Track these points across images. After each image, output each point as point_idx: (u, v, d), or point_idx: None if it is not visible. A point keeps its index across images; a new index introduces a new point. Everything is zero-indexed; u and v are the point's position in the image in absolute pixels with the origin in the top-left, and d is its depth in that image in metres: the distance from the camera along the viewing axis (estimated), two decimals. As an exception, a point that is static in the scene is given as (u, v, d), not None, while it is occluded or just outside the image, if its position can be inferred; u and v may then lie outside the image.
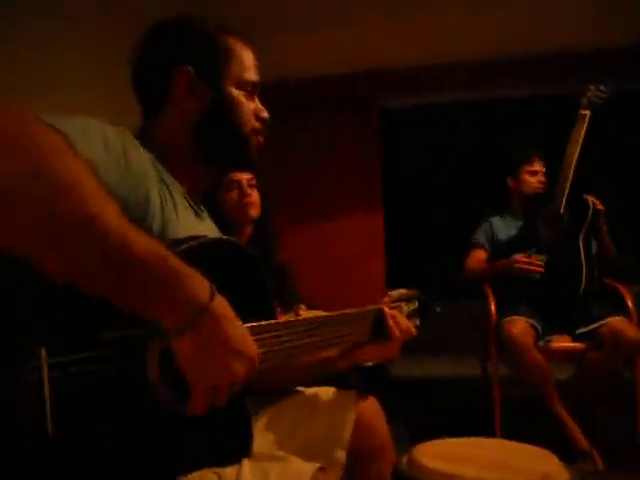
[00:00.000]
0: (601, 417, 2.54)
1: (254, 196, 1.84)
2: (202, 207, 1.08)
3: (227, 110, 0.99)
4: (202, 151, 1.00)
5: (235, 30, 1.03)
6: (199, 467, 0.81)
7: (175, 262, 0.69)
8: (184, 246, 0.81)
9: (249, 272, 0.90)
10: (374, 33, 3.18)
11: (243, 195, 1.81)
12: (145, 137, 0.95)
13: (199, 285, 0.71)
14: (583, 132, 2.39)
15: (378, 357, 1.22)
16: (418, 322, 1.33)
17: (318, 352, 1.05)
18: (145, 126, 1.01)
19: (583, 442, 2.15)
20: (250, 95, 1.02)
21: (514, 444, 1.09)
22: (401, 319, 1.22)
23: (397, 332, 1.19)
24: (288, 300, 1.77)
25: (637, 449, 2.20)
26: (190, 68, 0.96)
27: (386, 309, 1.20)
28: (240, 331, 0.75)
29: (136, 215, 0.81)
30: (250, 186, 1.83)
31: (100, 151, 0.77)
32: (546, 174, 2.77)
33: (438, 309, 1.37)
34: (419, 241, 6.18)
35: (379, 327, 1.19)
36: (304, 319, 0.99)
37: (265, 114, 1.04)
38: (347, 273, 3.67)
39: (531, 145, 2.85)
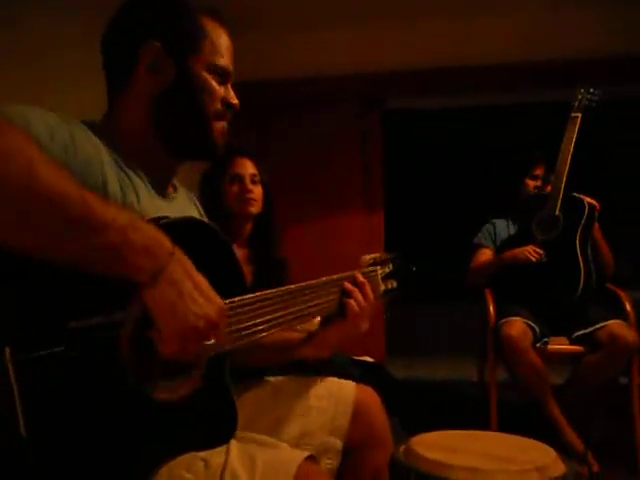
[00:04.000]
0: (597, 420, 2.54)
1: (256, 192, 1.82)
2: (176, 186, 1.03)
3: (191, 89, 0.92)
4: (161, 134, 0.93)
5: (217, 14, 0.96)
6: (183, 451, 0.79)
7: (134, 214, 0.74)
8: None
9: (218, 251, 0.88)
10: (381, 34, 3.20)
11: (244, 190, 1.80)
12: (107, 125, 0.91)
13: (160, 233, 0.73)
14: (575, 135, 2.41)
15: (342, 337, 1.12)
16: (395, 284, 1.28)
17: (293, 325, 1.00)
18: (108, 113, 0.95)
19: (578, 445, 2.15)
20: (222, 82, 0.95)
21: (512, 437, 1.09)
22: (365, 291, 1.11)
23: (356, 308, 1.09)
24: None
25: (633, 453, 2.20)
26: (158, 44, 0.89)
27: (346, 284, 1.10)
28: (204, 279, 0.76)
29: None
30: (253, 182, 1.82)
31: (46, 141, 0.74)
32: (546, 178, 2.78)
33: (414, 268, 1.32)
34: (419, 241, 6.21)
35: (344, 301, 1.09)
36: (276, 290, 0.95)
37: (235, 101, 0.97)
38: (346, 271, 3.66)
39: (537, 149, 2.83)
